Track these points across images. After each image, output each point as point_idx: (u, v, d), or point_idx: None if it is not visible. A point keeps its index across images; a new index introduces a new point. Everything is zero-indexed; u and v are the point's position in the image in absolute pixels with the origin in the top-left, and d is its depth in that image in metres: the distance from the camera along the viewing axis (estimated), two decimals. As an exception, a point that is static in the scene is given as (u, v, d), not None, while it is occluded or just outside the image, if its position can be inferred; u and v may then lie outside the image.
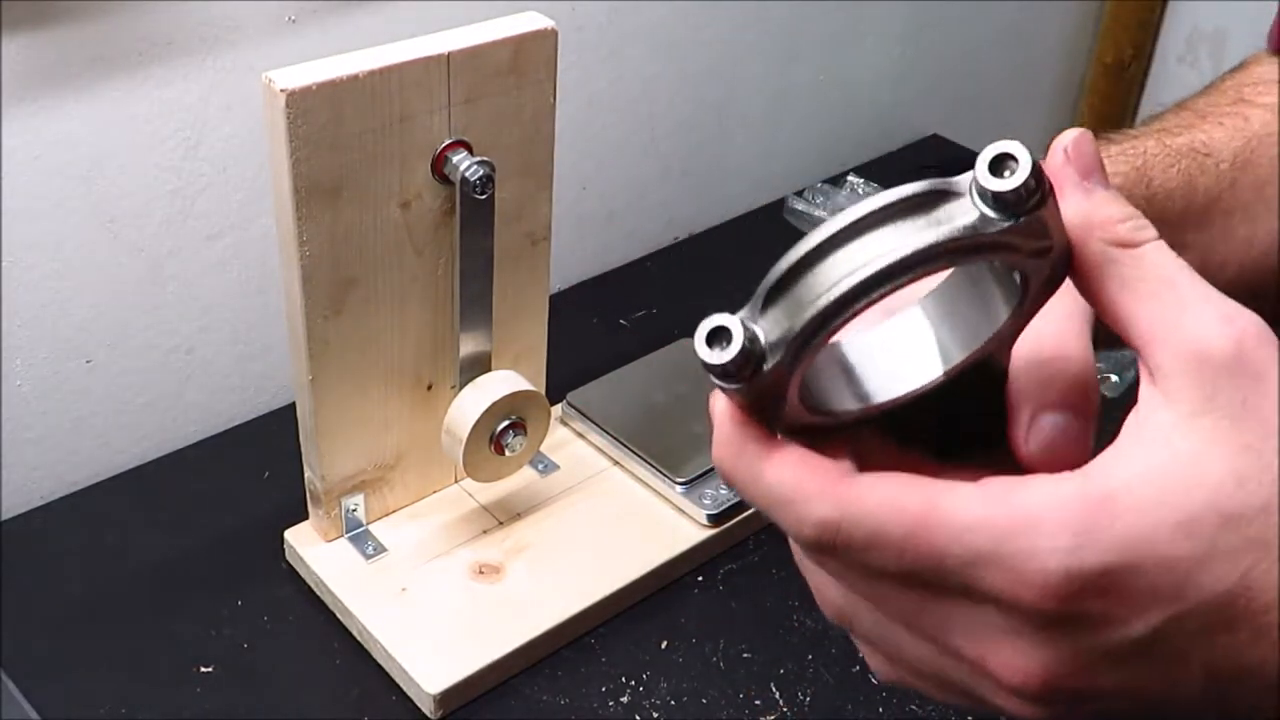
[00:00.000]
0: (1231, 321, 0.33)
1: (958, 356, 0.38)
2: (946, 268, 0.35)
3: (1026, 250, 0.35)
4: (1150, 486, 0.32)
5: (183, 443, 0.81)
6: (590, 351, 0.87)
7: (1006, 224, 0.34)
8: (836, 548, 0.33)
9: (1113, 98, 1.38)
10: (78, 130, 0.71)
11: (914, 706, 0.64)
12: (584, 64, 0.94)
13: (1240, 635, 0.31)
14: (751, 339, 0.35)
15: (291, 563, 0.71)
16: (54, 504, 0.76)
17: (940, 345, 0.38)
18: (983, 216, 0.34)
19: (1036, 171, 0.34)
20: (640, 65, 0.98)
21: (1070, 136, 0.37)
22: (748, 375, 0.36)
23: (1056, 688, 0.33)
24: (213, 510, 0.75)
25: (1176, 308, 0.34)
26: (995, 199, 0.34)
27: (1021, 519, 0.32)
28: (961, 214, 0.35)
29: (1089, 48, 1.38)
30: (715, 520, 0.72)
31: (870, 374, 0.38)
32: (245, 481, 0.77)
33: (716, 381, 0.36)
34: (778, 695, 0.65)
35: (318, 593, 0.69)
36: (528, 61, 0.62)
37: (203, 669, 0.65)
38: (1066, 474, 0.32)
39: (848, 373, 0.38)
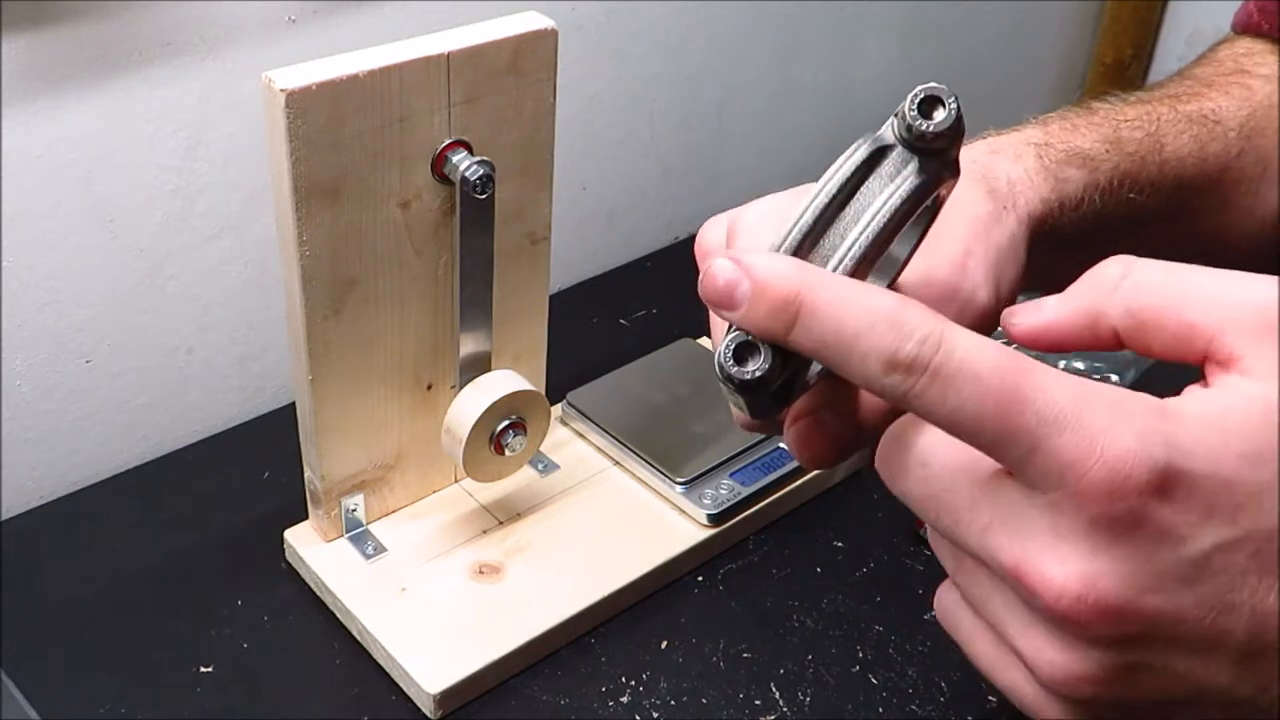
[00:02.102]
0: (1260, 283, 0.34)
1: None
2: (909, 217, 0.38)
3: (947, 183, 0.39)
4: (1220, 415, 0.32)
5: (183, 443, 0.81)
6: (590, 351, 0.87)
7: (945, 169, 0.38)
8: (928, 367, 0.32)
9: (1113, 98, 1.38)
10: (78, 130, 0.71)
11: (914, 707, 0.64)
12: (584, 64, 0.94)
13: None
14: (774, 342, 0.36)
15: (291, 563, 0.71)
16: (54, 504, 0.76)
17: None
18: (921, 163, 0.38)
19: (959, 108, 0.37)
20: (640, 65, 0.98)
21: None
22: (776, 376, 0.36)
23: (1095, 603, 0.32)
24: (213, 510, 0.75)
25: (1218, 291, 0.35)
26: (931, 139, 0.38)
27: (1107, 396, 0.32)
28: (905, 167, 0.38)
29: (1089, 48, 1.38)
30: (715, 520, 0.72)
31: None
32: (245, 481, 0.77)
33: (742, 394, 0.37)
34: (778, 695, 0.65)
35: (318, 593, 0.69)
36: (528, 61, 0.62)
37: (203, 669, 0.65)
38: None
39: None
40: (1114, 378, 0.86)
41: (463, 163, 0.61)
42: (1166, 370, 0.36)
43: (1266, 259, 0.63)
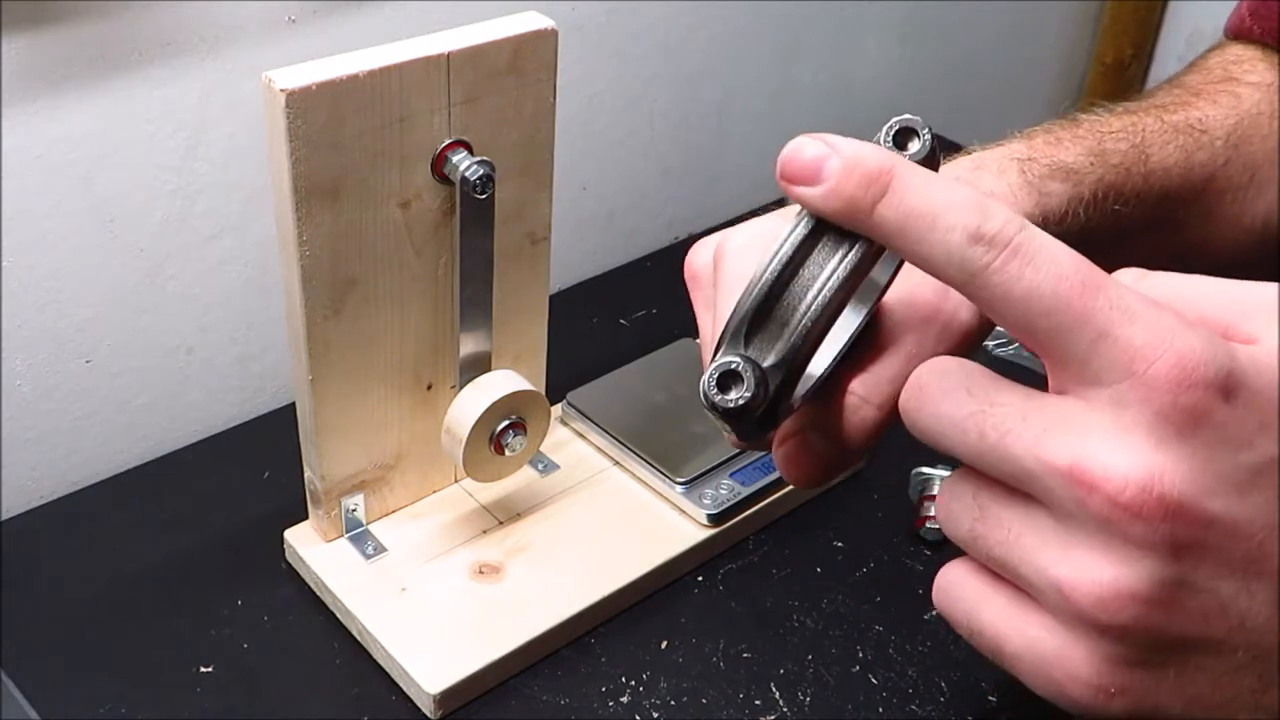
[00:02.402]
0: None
1: (863, 311, 0.42)
2: (882, 251, 0.38)
3: None
4: (1267, 352, 0.33)
5: (183, 443, 0.81)
6: (590, 351, 0.87)
7: None
8: (1011, 242, 0.33)
9: (1113, 98, 1.37)
10: (78, 130, 0.71)
11: (914, 707, 0.64)
12: (584, 64, 0.94)
13: None
14: (757, 371, 0.37)
15: (291, 563, 0.71)
16: (54, 504, 0.76)
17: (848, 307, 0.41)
18: None
19: (934, 139, 0.37)
20: (640, 65, 0.98)
21: None
22: (759, 403, 0.37)
23: (1159, 497, 0.31)
24: (213, 510, 0.75)
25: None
26: None
27: (1171, 309, 0.33)
28: None
29: (1089, 48, 1.38)
30: (715, 520, 0.72)
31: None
32: (245, 481, 0.77)
33: (726, 421, 0.38)
34: (778, 695, 0.65)
35: (318, 593, 0.69)
36: (528, 61, 0.62)
37: (203, 669, 0.65)
38: None
39: None
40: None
41: (463, 163, 0.61)
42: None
43: (1252, 267, 0.63)
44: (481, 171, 0.61)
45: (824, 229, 0.37)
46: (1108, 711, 0.34)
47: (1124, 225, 0.56)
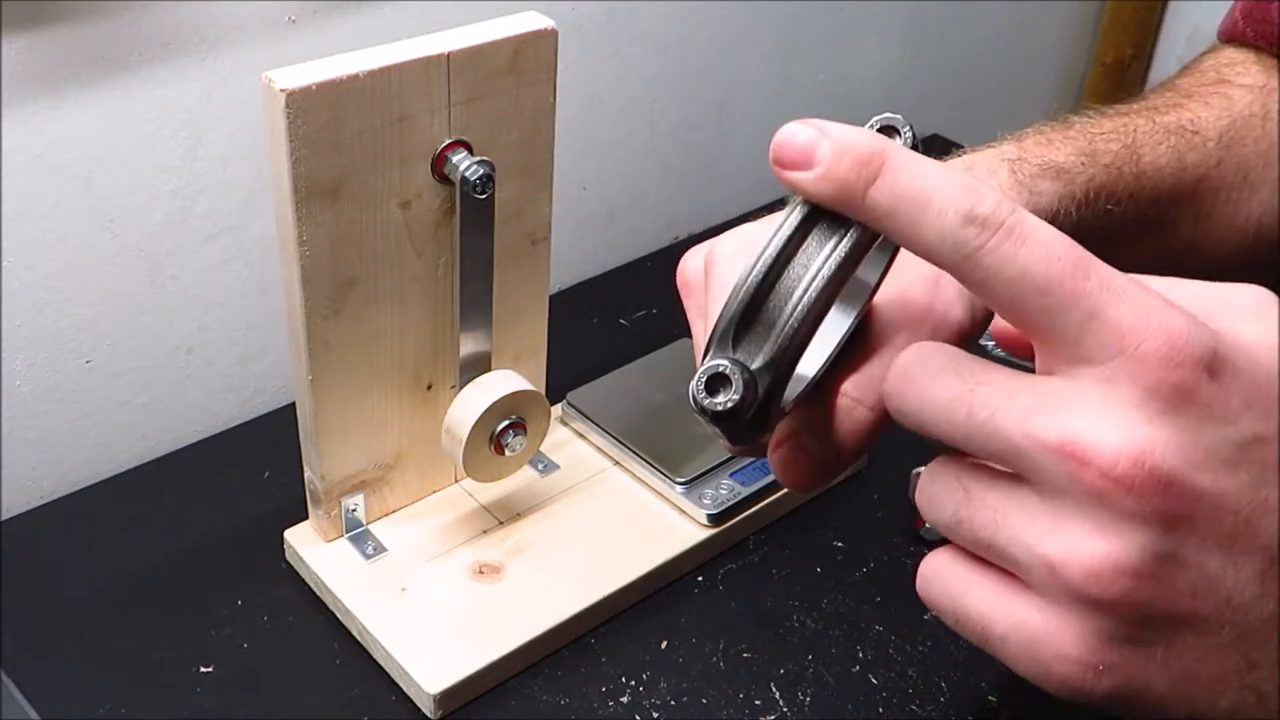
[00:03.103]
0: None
1: (854, 312, 0.42)
2: (866, 251, 0.38)
3: None
4: (1250, 338, 0.34)
5: (183, 443, 0.81)
6: (590, 351, 0.87)
7: None
8: (1003, 224, 0.33)
9: (1113, 98, 1.37)
10: (78, 130, 0.71)
11: (914, 707, 0.64)
12: (584, 64, 0.94)
13: None
14: (745, 373, 0.37)
15: (291, 563, 0.71)
16: (54, 504, 0.76)
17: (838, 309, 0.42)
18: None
19: (915, 136, 0.37)
20: (640, 65, 0.98)
21: None
22: (748, 406, 0.37)
23: (1151, 470, 0.32)
24: (213, 510, 0.75)
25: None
26: None
27: (1157, 291, 0.34)
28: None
29: (1089, 48, 1.38)
30: (715, 520, 0.72)
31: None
32: (245, 481, 0.77)
33: (717, 424, 0.38)
34: (778, 695, 0.65)
35: (318, 593, 0.69)
36: (528, 61, 0.62)
37: (203, 669, 0.65)
38: None
39: None
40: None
41: (463, 163, 0.61)
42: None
43: (1245, 268, 0.63)
44: (481, 171, 0.61)
45: (811, 223, 0.37)
46: (1095, 690, 0.34)
47: (1116, 225, 0.56)
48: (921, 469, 0.38)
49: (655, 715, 0.64)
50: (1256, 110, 0.62)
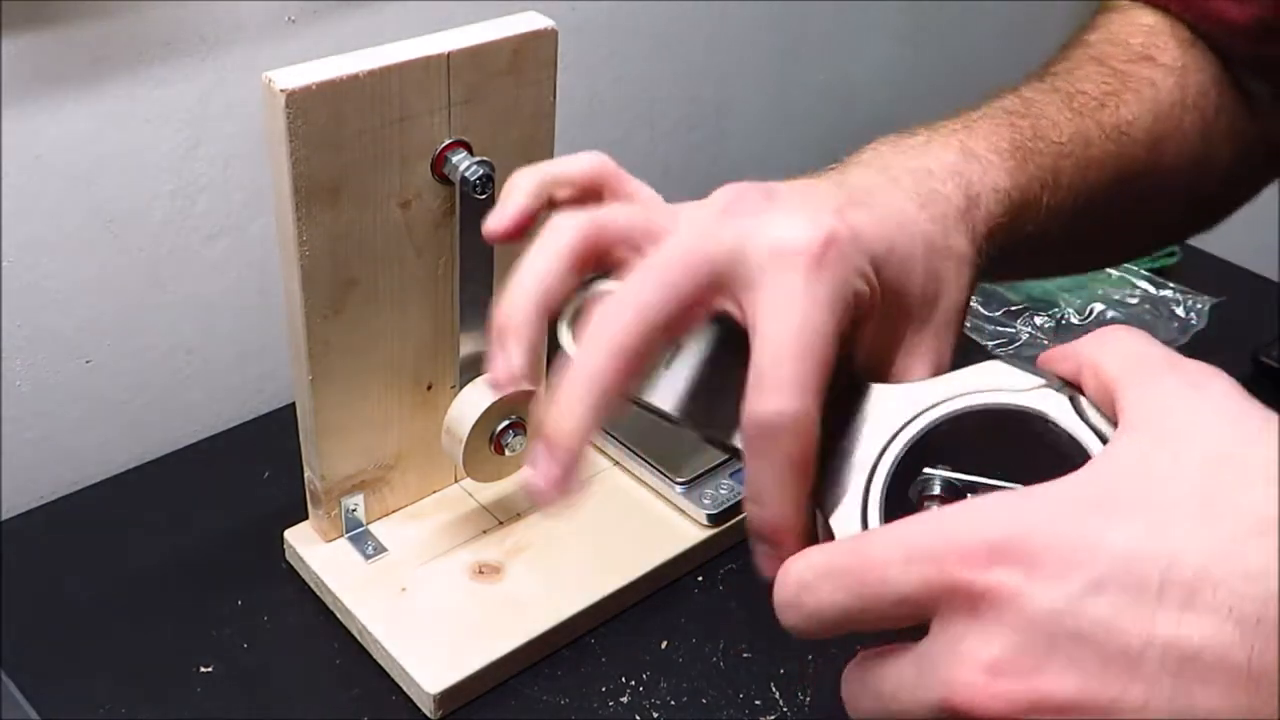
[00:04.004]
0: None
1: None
2: None
3: None
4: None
5: (183, 443, 0.81)
6: (590, 351, 0.87)
7: None
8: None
9: (1113, 98, 1.38)
10: (78, 130, 0.71)
11: (914, 706, 0.64)
12: (584, 64, 0.94)
13: (1184, 613, 0.30)
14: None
15: (291, 563, 0.71)
16: (54, 504, 0.76)
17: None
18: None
19: None
20: (640, 65, 0.98)
21: None
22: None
23: (1005, 690, 0.32)
24: (213, 510, 0.75)
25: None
26: None
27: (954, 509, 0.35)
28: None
29: (1089, 48, 1.37)
30: (715, 520, 0.72)
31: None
32: (245, 481, 0.77)
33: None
34: (778, 695, 0.65)
35: (318, 593, 0.69)
36: (528, 61, 0.62)
37: (203, 669, 0.65)
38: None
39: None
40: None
41: (463, 163, 0.61)
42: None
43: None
44: (481, 171, 0.61)
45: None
46: None
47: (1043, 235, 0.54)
48: (923, 469, 0.38)
49: (655, 715, 0.64)
50: (1176, 98, 0.59)
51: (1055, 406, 0.37)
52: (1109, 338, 0.37)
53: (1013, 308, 0.94)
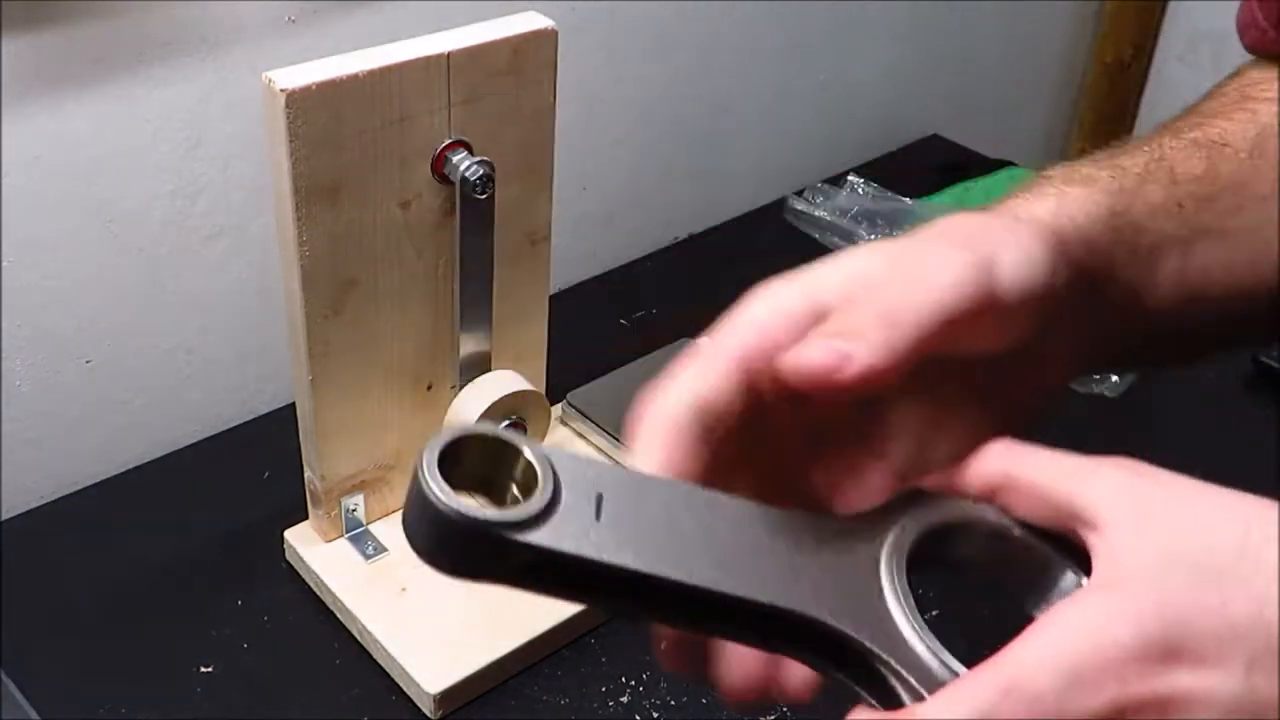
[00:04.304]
0: None
1: None
2: None
3: None
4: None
5: (183, 443, 0.81)
6: (590, 351, 0.87)
7: None
8: None
9: (1113, 98, 1.38)
10: (78, 130, 0.71)
11: (914, 706, 0.64)
12: (584, 64, 0.94)
13: None
14: None
15: (291, 563, 0.71)
16: (54, 504, 0.76)
17: None
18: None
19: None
20: (640, 65, 0.98)
21: None
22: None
23: None
24: (213, 510, 0.75)
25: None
26: None
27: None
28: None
29: (1089, 48, 1.38)
30: (715, 520, 0.72)
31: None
32: (245, 481, 0.77)
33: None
34: (778, 695, 0.65)
35: (318, 593, 0.69)
36: (527, 61, 0.62)
37: (203, 669, 0.65)
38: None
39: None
40: (1114, 378, 0.86)
41: (463, 163, 0.61)
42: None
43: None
44: (481, 171, 0.61)
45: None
46: None
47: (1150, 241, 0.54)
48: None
49: (655, 715, 0.64)
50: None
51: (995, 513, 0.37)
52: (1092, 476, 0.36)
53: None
